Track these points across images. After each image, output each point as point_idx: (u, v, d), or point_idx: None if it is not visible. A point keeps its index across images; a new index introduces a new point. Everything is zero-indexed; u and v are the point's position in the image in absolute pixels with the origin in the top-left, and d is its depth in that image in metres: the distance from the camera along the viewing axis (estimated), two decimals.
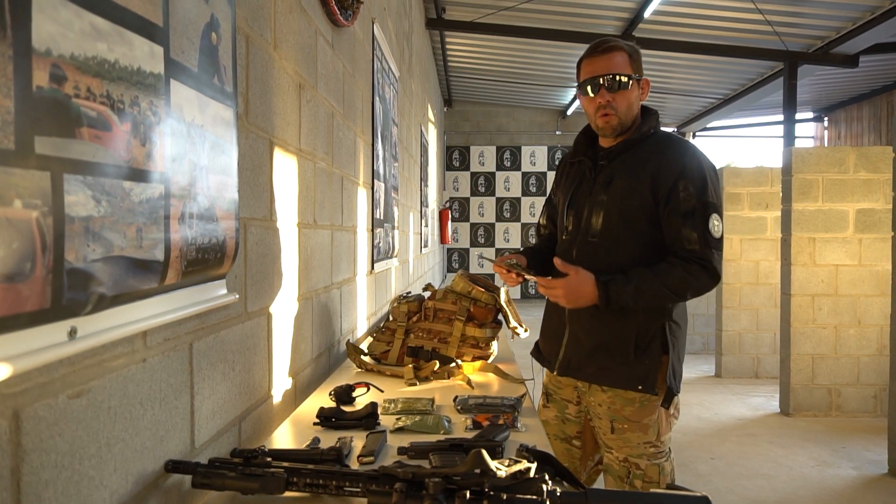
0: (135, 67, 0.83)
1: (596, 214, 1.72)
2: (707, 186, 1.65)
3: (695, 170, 1.65)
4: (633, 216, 1.68)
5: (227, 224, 1.14)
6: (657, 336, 1.68)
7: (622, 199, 1.69)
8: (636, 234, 1.69)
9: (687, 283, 1.62)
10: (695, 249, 1.62)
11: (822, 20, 6.13)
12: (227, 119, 1.13)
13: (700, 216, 1.63)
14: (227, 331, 1.22)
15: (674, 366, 1.69)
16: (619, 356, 1.69)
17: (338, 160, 2.18)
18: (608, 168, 1.74)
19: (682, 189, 1.63)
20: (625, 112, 1.70)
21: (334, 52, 2.14)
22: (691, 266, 1.61)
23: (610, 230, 1.70)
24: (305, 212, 1.78)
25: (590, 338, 1.73)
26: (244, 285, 1.31)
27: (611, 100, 1.68)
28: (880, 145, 9.77)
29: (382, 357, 2.03)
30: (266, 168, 1.43)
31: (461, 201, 11.56)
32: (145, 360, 0.91)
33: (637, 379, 1.67)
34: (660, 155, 1.69)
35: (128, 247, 0.82)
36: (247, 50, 1.30)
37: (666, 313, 1.70)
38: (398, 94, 3.95)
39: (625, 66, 1.68)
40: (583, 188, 1.79)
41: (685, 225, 1.63)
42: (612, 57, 1.68)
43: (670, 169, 1.66)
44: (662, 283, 1.61)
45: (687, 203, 1.63)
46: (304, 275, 1.77)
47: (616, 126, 1.71)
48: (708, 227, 1.63)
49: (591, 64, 1.71)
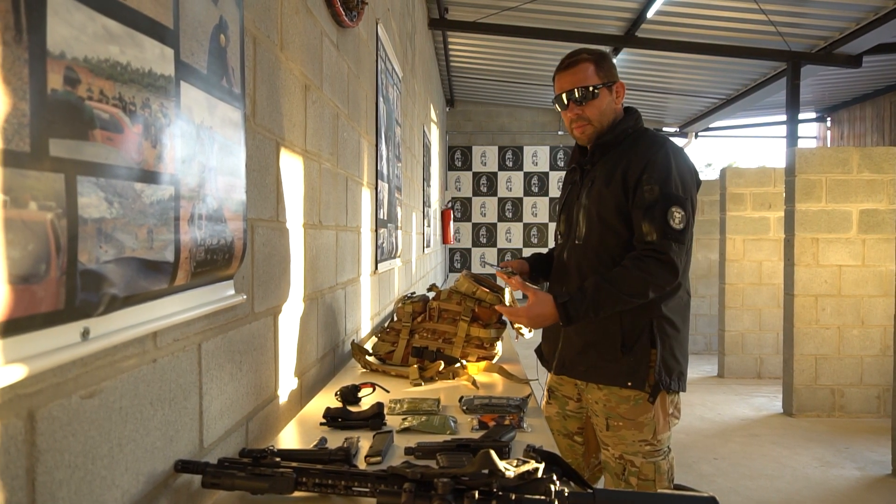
0: (146, 70, 0.83)
1: (581, 218, 1.78)
2: (671, 178, 1.64)
3: (660, 162, 1.65)
4: (608, 217, 1.71)
5: (235, 225, 1.14)
6: (644, 332, 1.69)
7: (599, 202, 1.73)
8: (614, 234, 1.71)
9: (644, 282, 1.61)
10: (652, 241, 1.61)
11: (825, 20, 6.13)
12: (235, 120, 1.13)
13: (660, 208, 1.61)
14: (234, 331, 1.23)
15: (664, 361, 1.69)
16: (607, 354, 1.72)
17: (342, 161, 2.19)
18: (591, 172, 1.80)
19: (646, 181, 1.64)
20: (598, 119, 1.75)
21: (339, 53, 2.14)
22: (645, 263, 1.61)
23: (592, 232, 1.75)
24: (311, 212, 1.78)
25: (580, 337, 1.77)
26: (251, 286, 1.31)
27: (580, 112, 1.74)
28: (884, 145, 9.77)
29: (387, 357, 2.04)
30: (273, 169, 1.44)
31: (463, 201, 11.56)
32: (155, 361, 0.92)
33: (625, 375, 1.69)
34: (630, 153, 1.72)
35: (139, 248, 0.82)
36: (254, 51, 1.30)
37: (654, 309, 1.69)
38: (401, 94, 3.95)
39: (591, 77, 1.72)
40: (573, 193, 1.86)
41: (645, 218, 1.63)
42: (576, 71, 1.73)
43: (638, 164, 1.67)
44: (619, 290, 1.61)
45: (650, 195, 1.63)
46: (309, 275, 1.77)
47: (591, 134, 1.77)
48: (666, 218, 1.61)
49: (560, 80, 1.77)
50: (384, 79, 3.14)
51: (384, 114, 3.14)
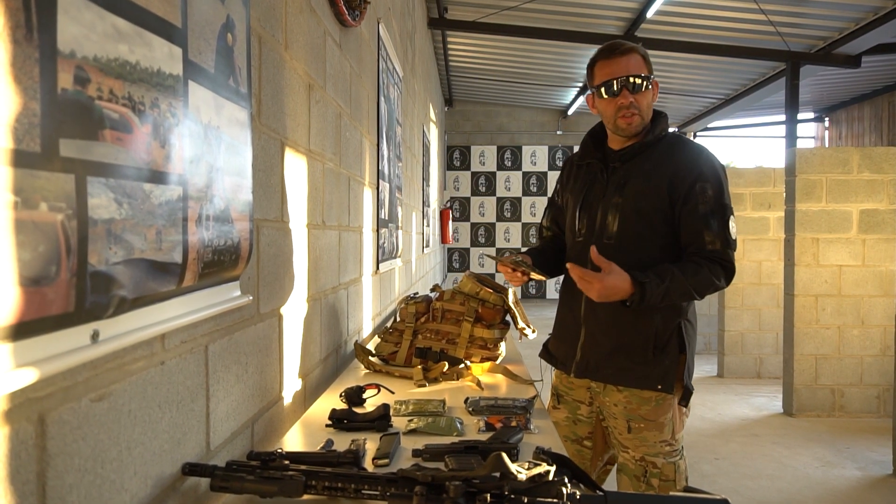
0: (155, 69, 0.82)
1: (612, 216, 1.73)
2: (723, 189, 1.70)
3: (711, 173, 1.70)
4: (651, 217, 1.70)
5: (242, 226, 1.14)
6: (674, 335, 1.71)
7: (639, 201, 1.71)
8: (654, 234, 1.71)
9: (709, 282, 1.66)
10: (716, 250, 1.66)
11: (824, 20, 6.13)
12: (241, 120, 1.13)
13: (720, 218, 1.67)
14: (240, 332, 1.22)
15: (689, 365, 1.71)
16: (638, 356, 1.70)
17: (345, 161, 2.18)
18: (622, 170, 1.76)
19: (700, 191, 1.67)
20: (646, 111, 1.72)
21: (342, 52, 2.13)
22: (714, 266, 1.66)
23: (627, 231, 1.72)
24: (315, 212, 1.77)
25: (608, 339, 1.73)
26: (257, 287, 1.30)
27: (634, 100, 1.69)
28: (882, 145, 9.79)
29: (390, 358, 2.03)
30: (277, 169, 1.43)
31: (462, 201, 11.56)
32: (163, 363, 0.91)
33: (656, 378, 1.69)
34: (675, 157, 1.72)
35: (148, 249, 0.82)
36: (259, 51, 1.30)
37: (682, 312, 1.73)
38: (402, 94, 3.95)
39: (642, 68, 1.70)
40: (595, 190, 1.79)
41: (706, 226, 1.67)
42: (630, 58, 1.69)
43: (687, 171, 1.69)
44: (689, 283, 1.63)
45: (706, 205, 1.67)
46: (313, 276, 1.76)
47: (638, 126, 1.72)
48: (728, 229, 1.68)
49: (610, 65, 1.70)
50: (385, 78, 3.13)
51: (385, 113, 3.13)
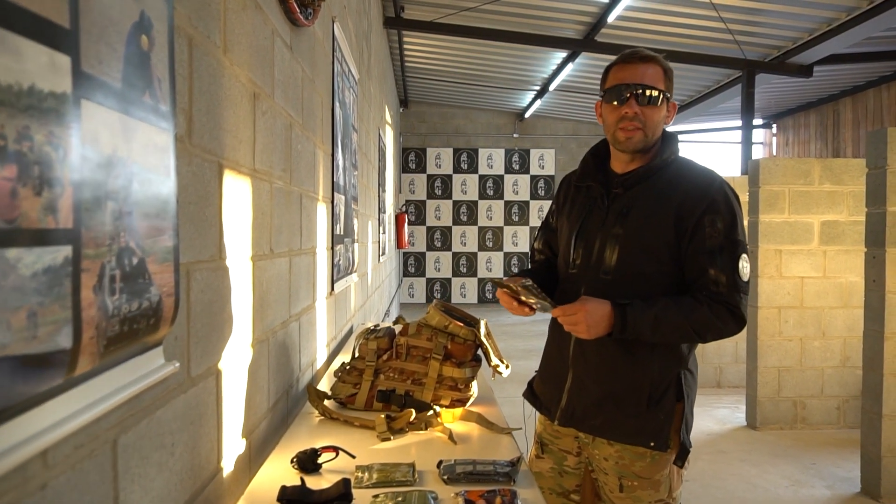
0: (24, 87, 0.58)
1: (610, 248, 1.53)
2: (736, 223, 1.49)
3: (722, 203, 1.49)
4: (656, 252, 1.50)
5: (164, 278, 0.90)
6: (672, 386, 1.51)
7: (642, 233, 1.50)
8: (659, 272, 1.51)
9: (711, 324, 1.45)
10: (721, 293, 1.45)
11: (780, 30, 6.17)
12: (162, 145, 0.88)
13: (728, 256, 1.46)
14: (164, 409, 0.97)
15: (687, 418, 1.53)
16: (630, 408, 1.51)
17: (296, 176, 1.94)
18: (624, 197, 1.55)
19: (709, 224, 1.47)
20: (652, 130, 1.51)
21: (293, 55, 1.89)
22: (717, 308, 1.45)
23: (627, 267, 1.51)
24: (261, 241, 1.53)
25: (598, 385, 1.54)
26: (187, 346, 1.06)
27: (639, 112, 1.49)
28: (827, 152, 10.03)
29: (349, 401, 1.80)
30: (214, 198, 1.19)
31: (417, 204, 11.33)
32: (45, 486, 0.66)
33: (649, 434, 1.50)
34: (683, 185, 1.51)
35: (14, 342, 0.58)
36: (189, 55, 1.05)
37: (682, 360, 1.53)
38: (358, 97, 3.70)
39: (659, 81, 1.50)
40: (594, 218, 1.59)
41: (712, 264, 1.46)
42: (647, 67, 1.49)
43: (696, 201, 1.48)
44: (686, 318, 1.44)
45: (713, 240, 1.46)
46: (258, 315, 1.52)
47: (638, 143, 1.52)
48: (738, 269, 1.46)
49: (623, 70, 1.51)
50: (341, 82, 2.88)
51: (341, 120, 2.88)
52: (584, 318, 1.42)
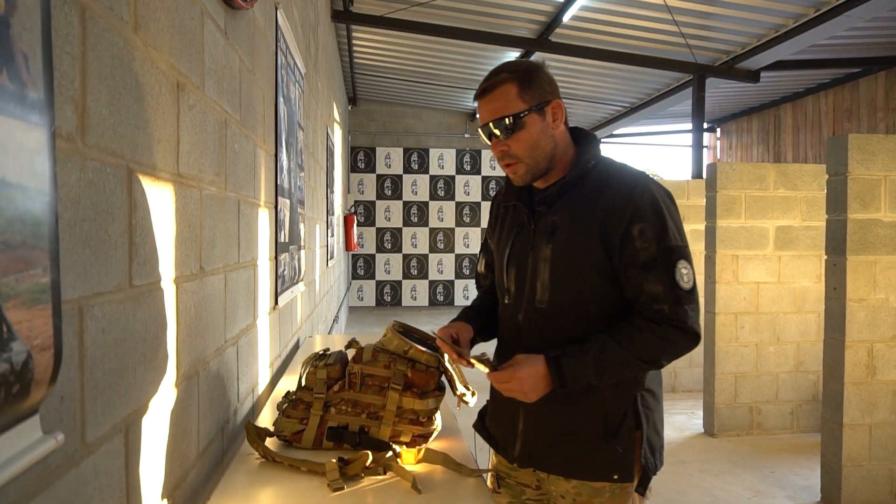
0: None
1: (542, 274, 1.38)
2: (667, 227, 1.32)
3: (649, 208, 1.32)
4: (588, 274, 1.35)
5: (35, 326, 0.66)
6: (630, 412, 1.38)
7: (572, 254, 1.35)
8: (595, 295, 1.36)
9: (659, 349, 1.32)
10: (663, 310, 1.30)
11: (730, 35, 6.21)
12: (31, 145, 0.65)
13: (663, 266, 1.31)
14: (45, 494, 0.73)
15: (650, 441, 1.40)
16: (587, 443, 1.38)
17: (233, 181, 1.69)
18: (548, 215, 1.40)
19: (638, 235, 1.30)
20: (529, 155, 1.36)
21: (228, 41, 1.64)
22: (663, 329, 1.30)
23: (562, 292, 1.37)
24: (187, 259, 1.28)
25: (550, 424, 1.41)
26: (80, 405, 0.82)
27: (505, 148, 1.36)
28: (768, 156, 10.29)
29: (294, 440, 1.57)
30: (121, 211, 0.94)
31: (367, 205, 11.05)
32: None
33: (611, 467, 1.37)
34: (606, 194, 1.35)
35: None
36: (82, 29, 0.81)
37: (638, 383, 1.40)
38: (304, 93, 3.44)
39: (513, 102, 1.33)
40: (522, 240, 1.44)
41: (647, 279, 1.31)
42: (495, 96, 1.34)
43: (619, 212, 1.32)
44: (629, 351, 1.30)
45: (646, 252, 1.30)
46: (185, 346, 1.28)
47: (526, 175, 1.38)
48: (675, 279, 1.30)
49: (480, 108, 1.39)
50: (285, 75, 2.63)
51: (285, 117, 2.63)
52: (520, 386, 1.31)
